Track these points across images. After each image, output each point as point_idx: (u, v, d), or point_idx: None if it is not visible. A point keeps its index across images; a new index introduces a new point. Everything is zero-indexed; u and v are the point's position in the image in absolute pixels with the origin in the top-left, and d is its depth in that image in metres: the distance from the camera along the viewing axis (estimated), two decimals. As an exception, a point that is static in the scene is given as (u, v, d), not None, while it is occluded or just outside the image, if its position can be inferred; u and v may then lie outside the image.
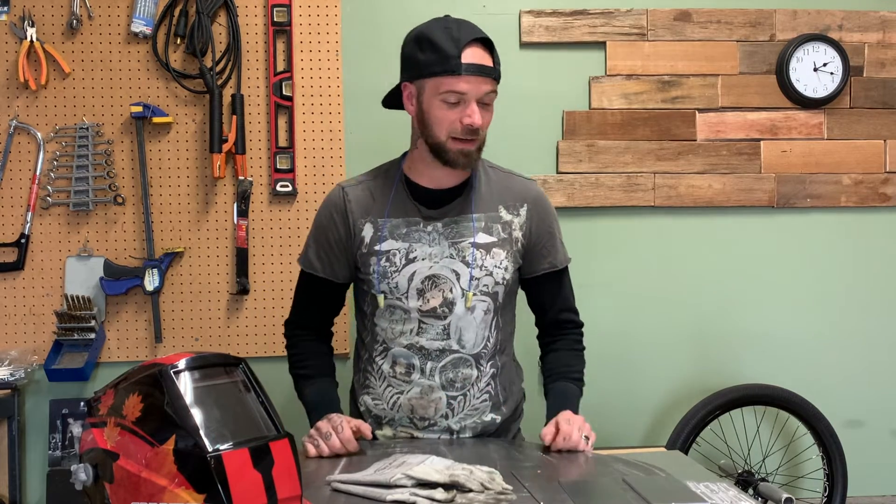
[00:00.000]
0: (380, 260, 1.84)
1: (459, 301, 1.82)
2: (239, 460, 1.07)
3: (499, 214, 1.88)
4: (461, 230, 1.84)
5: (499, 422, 1.91)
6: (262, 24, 2.63)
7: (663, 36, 2.76)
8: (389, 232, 1.84)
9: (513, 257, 1.87)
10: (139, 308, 2.60)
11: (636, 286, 2.77)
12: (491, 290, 1.85)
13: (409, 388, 1.85)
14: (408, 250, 1.83)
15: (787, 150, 2.78)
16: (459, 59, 1.71)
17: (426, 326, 1.83)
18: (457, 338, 1.84)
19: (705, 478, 1.51)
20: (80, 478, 1.16)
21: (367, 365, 1.94)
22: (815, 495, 2.69)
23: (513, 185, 1.92)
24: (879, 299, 2.83)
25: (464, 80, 1.72)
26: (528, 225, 1.89)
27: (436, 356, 1.84)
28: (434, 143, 1.79)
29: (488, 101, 1.78)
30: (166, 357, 1.16)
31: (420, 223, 1.84)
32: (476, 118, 1.74)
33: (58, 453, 2.56)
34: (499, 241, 1.86)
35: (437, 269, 1.82)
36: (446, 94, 1.73)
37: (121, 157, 2.60)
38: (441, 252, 1.83)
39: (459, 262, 1.82)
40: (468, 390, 1.86)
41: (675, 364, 2.78)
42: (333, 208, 1.91)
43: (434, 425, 1.86)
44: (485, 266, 1.83)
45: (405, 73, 1.83)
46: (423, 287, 1.82)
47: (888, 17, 2.82)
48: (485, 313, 1.85)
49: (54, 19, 2.58)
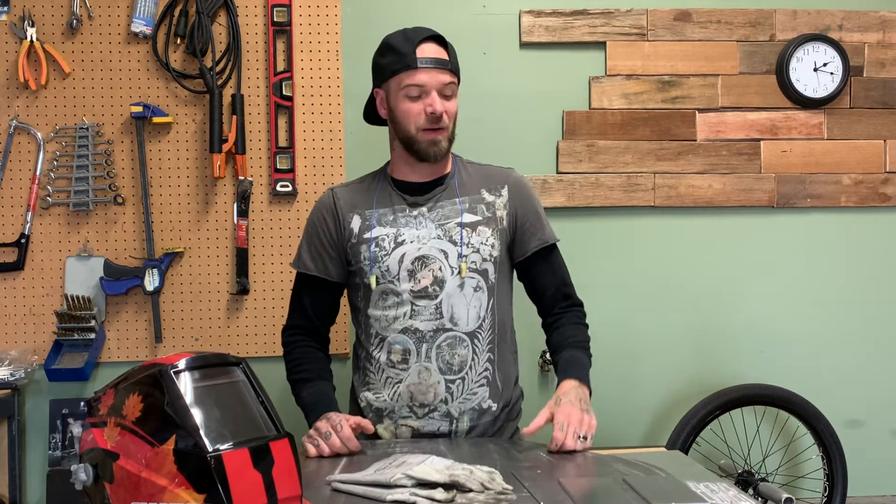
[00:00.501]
0: (370, 246, 1.91)
1: (450, 279, 1.88)
2: (239, 460, 1.07)
3: (481, 196, 1.98)
4: (447, 212, 1.94)
5: (496, 411, 1.92)
6: (262, 23, 2.63)
7: (663, 36, 2.76)
8: (377, 220, 1.94)
9: (499, 235, 1.95)
10: (139, 308, 2.60)
11: (636, 286, 2.77)
12: (480, 267, 1.91)
13: (406, 374, 1.89)
14: (396, 234, 1.92)
15: (787, 150, 2.78)
16: (414, 54, 1.87)
17: (419, 308, 1.89)
18: (449, 315, 1.89)
19: (705, 478, 1.51)
20: (80, 478, 1.16)
21: (364, 362, 1.97)
22: (815, 495, 2.69)
23: (492, 173, 2.04)
24: (879, 299, 2.82)
25: (421, 72, 1.86)
26: (511, 204, 1.98)
27: (430, 337, 1.88)
28: (404, 137, 1.92)
29: (449, 92, 1.90)
30: (166, 357, 1.16)
31: (406, 209, 1.95)
32: (437, 106, 1.86)
33: (58, 453, 2.56)
34: (483, 220, 1.94)
35: (425, 250, 1.90)
36: (407, 87, 1.88)
37: (121, 157, 2.60)
38: (428, 234, 1.91)
39: (447, 242, 1.91)
40: (465, 373, 1.89)
41: (675, 364, 2.78)
42: (323, 208, 2.03)
43: (434, 411, 1.88)
44: (471, 243, 1.91)
45: (374, 82, 2.00)
46: (413, 268, 1.89)
47: (888, 17, 2.82)
48: (475, 290, 1.90)
49: (54, 19, 2.58)
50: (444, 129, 1.90)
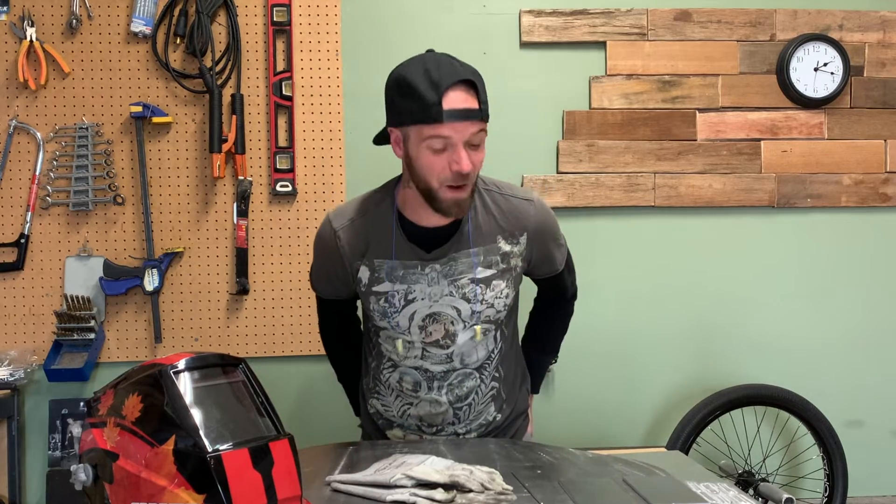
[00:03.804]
0: (379, 300, 1.81)
1: (461, 333, 1.81)
2: (239, 460, 1.07)
3: (497, 246, 1.81)
4: (460, 267, 1.78)
5: (501, 420, 1.92)
6: (262, 23, 2.63)
7: (663, 36, 2.76)
8: (386, 274, 1.80)
9: (513, 283, 1.84)
10: (139, 308, 2.60)
11: (636, 286, 2.77)
12: (493, 318, 1.83)
13: (416, 401, 1.87)
14: (406, 291, 1.79)
15: (787, 150, 2.78)
16: (440, 105, 1.60)
17: (429, 354, 1.83)
18: (460, 360, 1.85)
19: (705, 478, 1.51)
20: (79, 478, 1.15)
21: (375, 373, 1.94)
22: (815, 495, 2.69)
23: (512, 211, 1.83)
24: (880, 299, 2.82)
25: (447, 126, 1.61)
26: (528, 252, 1.85)
27: (441, 376, 1.85)
28: (425, 189, 1.70)
29: (477, 141, 1.67)
30: (166, 357, 1.15)
31: (418, 266, 1.78)
32: (465, 164, 1.63)
33: (58, 453, 2.56)
34: (498, 273, 1.80)
35: (436, 308, 1.79)
36: (431, 139, 1.64)
37: (120, 157, 2.60)
38: (440, 291, 1.78)
39: (460, 299, 1.79)
40: (473, 398, 1.88)
41: (675, 364, 2.78)
42: (327, 248, 1.87)
43: (442, 431, 1.89)
44: (486, 300, 1.80)
45: (389, 118, 1.74)
46: (424, 324, 1.80)
47: (888, 17, 2.82)
48: (484, 334, 1.85)
49: (54, 19, 2.58)
50: (469, 184, 1.69)
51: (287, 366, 2.64)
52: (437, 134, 1.62)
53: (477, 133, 1.66)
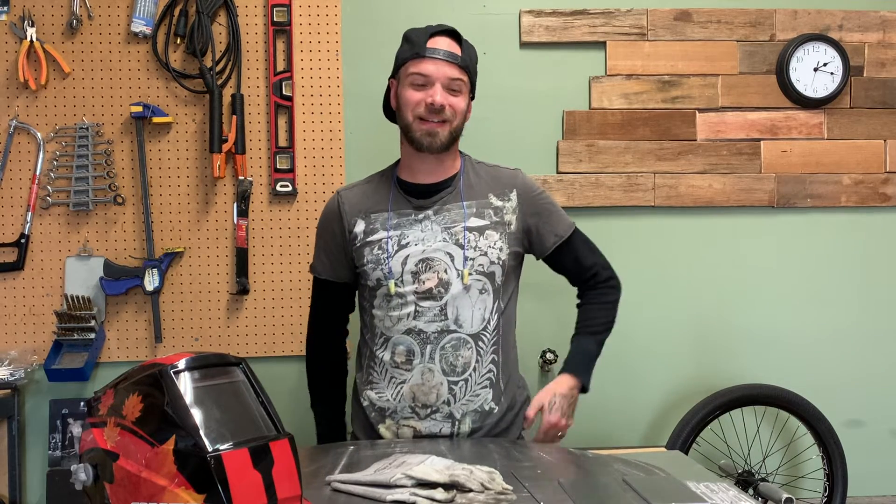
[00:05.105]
0: (372, 249, 1.91)
1: (455, 281, 1.87)
2: (239, 460, 1.07)
3: (489, 201, 1.96)
4: (453, 216, 1.92)
5: (498, 413, 1.92)
6: (262, 23, 2.63)
7: (663, 36, 2.76)
8: (381, 224, 1.92)
9: (507, 239, 1.93)
10: (139, 308, 2.60)
11: (636, 286, 2.75)
12: (486, 270, 1.90)
13: (409, 375, 1.89)
14: (400, 237, 1.91)
15: (787, 150, 2.78)
16: (425, 44, 1.87)
17: (422, 309, 1.88)
18: (454, 317, 1.88)
19: (705, 478, 1.51)
20: (80, 478, 1.16)
21: (369, 361, 1.97)
22: (815, 495, 2.69)
23: (500, 175, 2.01)
24: (879, 299, 2.82)
25: (429, 62, 1.86)
26: (520, 209, 1.96)
27: (434, 338, 1.88)
28: (404, 125, 1.92)
29: (456, 87, 1.88)
30: (166, 357, 1.16)
31: (411, 213, 1.93)
32: (438, 97, 1.85)
33: (58, 453, 2.56)
34: (491, 224, 1.93)
35: (430, 253, 1.89)
36: (413, 76, 1.87)
37: (121, 157, 2.60)
38: (434, 236, 1.90)
39: (453, 245, 1.89)
40: (469, 375, 1.88)
41: (675, 364, 2.78)
42: (329, 212, 2.04)
43: (436, 412, 1.88)
44: (479, 247, 1.90)
45: (392, 73, 1.97)
46: (416, 269, 1.88)
47: (888, 17, 2.82)
48: (480, 292, 1.89)
49: (54, 19, 2.58)
50: (445, 122, 1.88)
51: (287, 366, 2.64)
52: (419, 71, 1.87)
53: (455, 79, 1.88)
